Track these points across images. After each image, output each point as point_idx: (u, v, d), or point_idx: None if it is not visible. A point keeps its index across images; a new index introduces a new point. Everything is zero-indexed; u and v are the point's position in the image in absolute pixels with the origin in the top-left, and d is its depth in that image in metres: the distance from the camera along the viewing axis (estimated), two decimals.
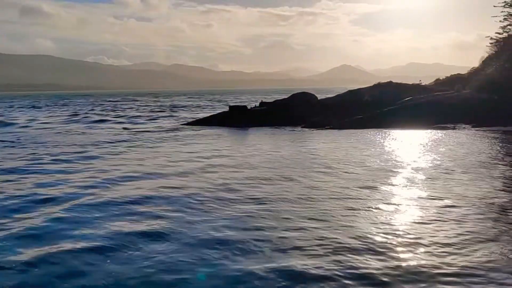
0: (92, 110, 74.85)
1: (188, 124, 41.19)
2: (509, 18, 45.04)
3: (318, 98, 43.61)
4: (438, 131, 30.45)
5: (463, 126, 32.73)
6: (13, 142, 29.23)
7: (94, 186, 14.74)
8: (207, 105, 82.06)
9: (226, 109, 44.10)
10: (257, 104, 45.22)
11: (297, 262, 8.15)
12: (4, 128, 41.29)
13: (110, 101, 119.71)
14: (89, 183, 15.29)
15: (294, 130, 33.94)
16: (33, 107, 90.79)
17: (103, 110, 73.75)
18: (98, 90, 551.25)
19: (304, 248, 8.87)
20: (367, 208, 11.57)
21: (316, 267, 7.94)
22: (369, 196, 12.86)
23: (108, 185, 14.95)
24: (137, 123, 45.26)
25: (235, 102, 74.89)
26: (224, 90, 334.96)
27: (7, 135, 34.00)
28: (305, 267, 7.96)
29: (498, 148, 22.68)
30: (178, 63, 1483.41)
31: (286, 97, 44.31)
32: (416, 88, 44.28)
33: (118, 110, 71.03)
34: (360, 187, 13.99)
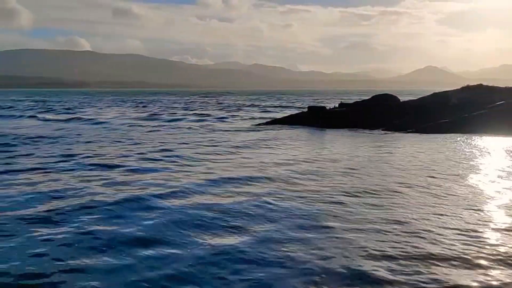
0: (178, 107, 78.19)
1: (267, 123, 41.26)
2: None
3: (401, 101, 42.02)
4: None
5: None
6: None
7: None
8: (287, 105, 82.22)
9: (305, 109, 43.93)
10: (336, 105, 44.54)
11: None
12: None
13: (203, 97, 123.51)
14: None
15: (374, 133, 32.99)
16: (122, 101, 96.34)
17: (190, 108, 76.65)
18: (183, 88, 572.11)
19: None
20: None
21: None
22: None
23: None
24: (224, 121, 46.77)
25: (314, 103, 74.43)
26: (303, 90, 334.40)
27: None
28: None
29: None
30: (258, 62, 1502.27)
31: (366, 98, 43.23)
32: (510, 91, 41.22)
33: (214, 109, 73.26)
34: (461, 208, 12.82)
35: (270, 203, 12.22)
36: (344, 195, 13.19)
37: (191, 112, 61.97)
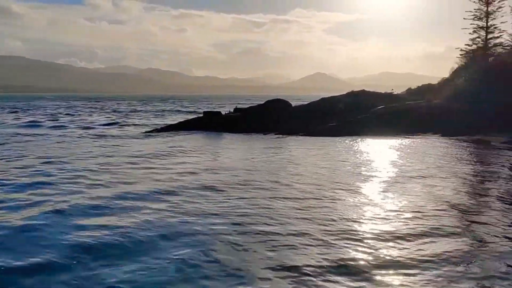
0: (58, 113, 73.52)
1: (160, 130, 39.83)
2: (478, 30, 46.25)
3: (292, 105, 43.79)
4: (408, 139, 30.88)
5: (433, 134, 33.35)
6: None
7: None
8: (182, 110, 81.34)
9: (201, 114, 43.90)
10: (232, 110, 45.15)
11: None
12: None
13: (85, 104, 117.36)
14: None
15: (268, 137, 33.96)
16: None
17: (69, 114, 72.40)
18: (70, 93, 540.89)
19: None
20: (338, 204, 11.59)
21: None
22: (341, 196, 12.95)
23: None
24: (112, 128, 44.51)
25: (210, 108, 74.56)
26: (198, 95, 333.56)
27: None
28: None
29: (464, 155, 23.27)
30: (151, 67, 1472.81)
31: (260, 103, 44.37)
32: (389, 96, 45.01)
33: (94, 114, 69.59)
34: (332, 188, 14.07)
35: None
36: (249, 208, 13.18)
37: (78, 119, 58.81)
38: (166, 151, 24.60)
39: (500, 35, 45.94)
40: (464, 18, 46.60)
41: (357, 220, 11.31)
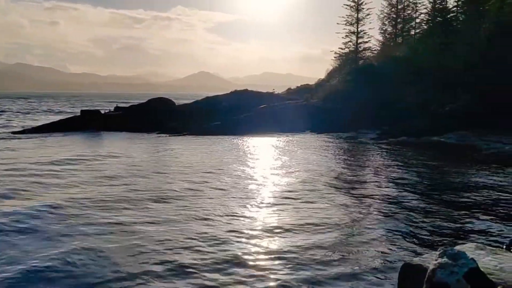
0: None
1: (28, 131, 35.79)
2: (350, 35, 49.83)
3: (176, 104, 43.29)
4: (288, 137, 32.31)
5: (309, 131, 35.31)
6: None
7: None
8: (56, 110, 75.85)
9: (78, 113, 41.34)
10: (112, 108, 43.32)
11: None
12: None
13: None
14: None
15: (150, 136, 33.12)
16: None
17: None
18: None
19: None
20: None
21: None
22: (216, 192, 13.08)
23: None
24: None
25: (88, 106, 70.52)
26: (75, 93, 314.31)
27: None
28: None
29: (335, 148, 25.12)
30: (22, 62, 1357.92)
31: (143, 102, 43.12)
32: (270, 96, 46.66)
33: None
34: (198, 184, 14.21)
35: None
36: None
37: None
38: (38, 155, 22.73)
39: (369, 40, 50.14)
40: (337, 23, 49.96)
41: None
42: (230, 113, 38.03)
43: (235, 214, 11.79)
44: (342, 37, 50.18)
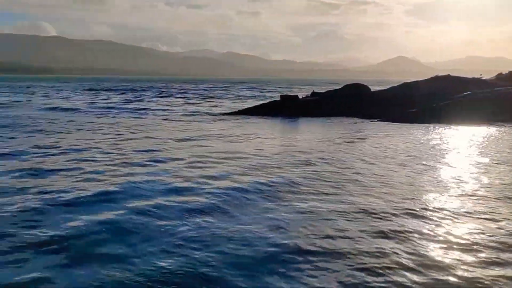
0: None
1: (234, 113, 40.06)
2: None
3: (371, 90, 42.69)
4: (496, 128, 29.00)
5: None
6: None
7: None
8: (258, 95, 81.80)
9: (277, 98, 44.02)
10: (309, 94, 44.85)
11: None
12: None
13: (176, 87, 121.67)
14: None
15: (345, 122, 33.47)
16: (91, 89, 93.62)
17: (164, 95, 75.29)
18: (155, 76, 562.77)
19: None
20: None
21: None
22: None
23: None
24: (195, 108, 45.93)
25: (286, 92, 74.43)
26: (275, 79, 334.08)
27: None
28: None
29: None
30: (231, 51, 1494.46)
31: (338, 87, 43.66)
32: (476, 82, 42.41)
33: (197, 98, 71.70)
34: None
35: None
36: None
37: (164, 100, 61.22)
38: (240, 134, 25.12)
39: None
40: None
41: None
42: (429, 100, 35.88)
43: None
44: None
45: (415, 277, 7.26)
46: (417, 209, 10.81)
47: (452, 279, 7.24)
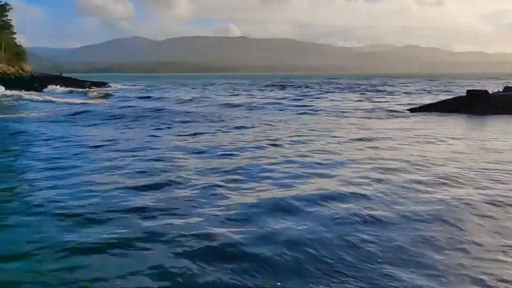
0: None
1: (414, 110, 36.50)
2: None
3: None
4: None
5: None
6: None
7: None
8: (440, 90, 75.44)
9: (463, 93, 39.36)
10: (500, 89, 39.21)
11: None
12: None
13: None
14: None
15: None
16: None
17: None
18: (333, 72, 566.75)
19: None
20: None
21: None
22: None
23: None
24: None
25: (472, 87, 66.78)
26: (459, 74, 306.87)
27: None
28: None
29: None
30: (410, 44, 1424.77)
31: None
32: None
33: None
34: None
35: None
36: None
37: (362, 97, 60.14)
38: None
39: None
40: None
41: None
42: None
43: None
44: None
45: None
46: None
47: None
